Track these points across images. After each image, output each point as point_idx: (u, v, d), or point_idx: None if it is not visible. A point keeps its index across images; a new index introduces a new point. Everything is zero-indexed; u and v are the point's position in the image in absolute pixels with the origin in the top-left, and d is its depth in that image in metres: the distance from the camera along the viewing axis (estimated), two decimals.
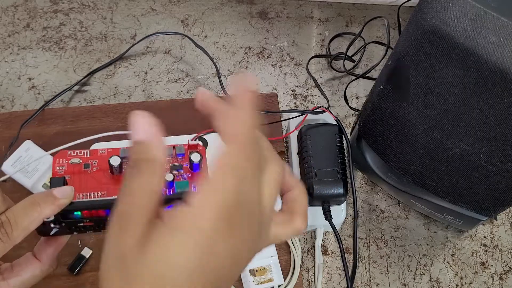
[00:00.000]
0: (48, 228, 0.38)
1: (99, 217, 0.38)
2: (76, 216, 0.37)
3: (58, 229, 0.38)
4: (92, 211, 0.37)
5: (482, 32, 0.36)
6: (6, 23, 0.73)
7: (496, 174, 0.45)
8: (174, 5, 0.76)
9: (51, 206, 0.34)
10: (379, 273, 0.57)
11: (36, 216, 0.34)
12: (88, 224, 0.38)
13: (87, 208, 0.36)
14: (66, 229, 0.38)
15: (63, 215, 0.36)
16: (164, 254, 0.25)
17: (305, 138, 0.56)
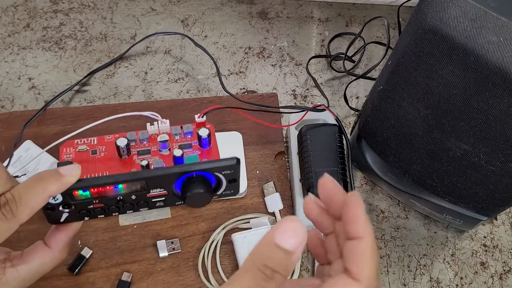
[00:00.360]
0: (58, 214, 0.37)
1: (109, 196, 0.37)
2: (85, 197, 0.36)
3: (68, 214, 0.37)
4: (100, 189, 0.36)
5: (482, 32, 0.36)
6: (6, 23, 0.73)
7: (496, 174, 0.45)
8: (174, 5, 0.76)
9: (56, 183, 0.33)
10: (379, 273, 0.57)
11: (41, 192, 0.33)
12: (98, 206, 0.37)
13: (95, 186, 0.36)
14: (76, 213, 0.37)
15: (71, 196, 0.36)
16: None
17: (305, 138, 0.56)
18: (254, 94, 0.68)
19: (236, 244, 0.54)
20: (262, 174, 0.60)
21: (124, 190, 0.37)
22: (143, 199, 0.38)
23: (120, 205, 0.38)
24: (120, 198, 0.38)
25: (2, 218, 0.32)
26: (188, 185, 0.37)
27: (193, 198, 0.38)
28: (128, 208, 0.39)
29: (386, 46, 0.67)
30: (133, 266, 0.54)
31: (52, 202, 0.36)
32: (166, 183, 0.38)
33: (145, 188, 0.37)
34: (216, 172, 0.38)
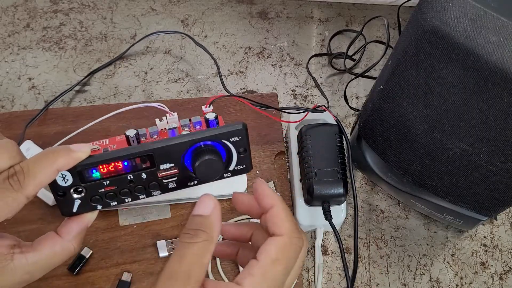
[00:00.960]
0: (70, 202, 0.37)
1: (119, 176, 0.37)
2: (95, 178, 0.36)
3: (80, 201, 0.37)
4: (110, 169, 0.36)
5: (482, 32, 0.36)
6: (6, 23, 0.73)
7: (496, 174, 0.45)
8: (174, 5, 0.76)
9: (66, 156, 0.34)
10: (379, 273, 0.57)
11: (49, 165, 0.33)
12: (109, 189, 0.37)
13: (103, 161, 0.35)
14: (89, 200, 0.37)
15: (81, 176, 0.36)
16: None
17: (305, 138, 0.56)
18: (254, 94, 0.68)
19: None
20: (262, 174, 0.60)
21: (133, 167, 0.37)
22: (154, 179, 0.38)
23: (131, 187, 0.38)
24: (131, 178, 0.37)
25: (10, 188, 0.31)
26: (197, 155, 0.37)
27: (204, 167, 0.37)
28: (140, 191, 0.38)
29: (386, 45, 0.67)
30: (133, 266, 0.54)
31: (63, 184, 0.35)
32: (175, 156, 0.37)
33: (154, 164, 0.37)
34: (224, 139, 0.37)
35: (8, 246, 0.34)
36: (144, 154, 0.36)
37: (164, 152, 0.37)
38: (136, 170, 0.37)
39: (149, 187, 0.38)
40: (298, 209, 0.57)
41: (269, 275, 0.32)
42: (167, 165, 0.37)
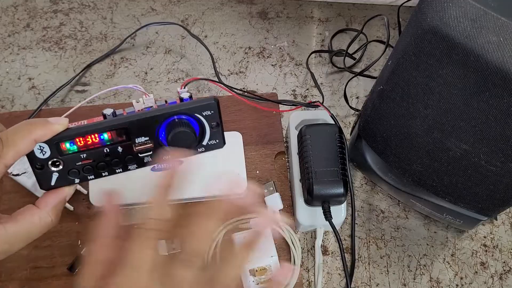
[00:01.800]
0: (48, 175, 0.38)
1: (96, 149, 0.38)
2: (72, 151, 0.37)
3: (58, 174, 0.38)
4: (87, 142, 0.37)
5: (482, 32, 0.36)
6: (6, 23, 0.73)
7: (496, 174, 0.45)
8: (174, 5, 0.76)
9: (43, 128, 0.34)
10: (379, 273, 0.57)
11: (27, 135, 0.34)
12: (86, 162, 0.38)
13: (80, 134, 0.37)
14: (66, 174, 0.38)
15: (59, 149, 0.37)
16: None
17: (305, 138, 0.56)
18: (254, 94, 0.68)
19: (236, 244, 0.54)
20: (262, 174, 0.60)
21: (109, 141, 0.38)
22: (130, 153, 0.39)
23: (108, 161, 0.39)
24: (107, 151, 0.38)
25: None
26: (170, 128, 0.38)
27: (177, 140, 0.38)
28: (116, 165, 0.39)
29: (386, 44, 0.67)
30: None
31: (41, 157, 0.36)
32: (149, 129, 0.38)
33: (130, 137, 0.38)
34: (197, 113, 0.39)
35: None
36: (120, 127, 0.38)
37: (139, 125, 0.38)
38: (112, 143, 0.38)
39: (125, 160, 0.39)
40: (298, 209, 0.57)
41: None
42: (142, 139, 0.39)
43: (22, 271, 0.53)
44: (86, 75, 0.69)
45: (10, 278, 0.53)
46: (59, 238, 0.55)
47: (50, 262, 0.54)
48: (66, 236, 0.55)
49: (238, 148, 0.59)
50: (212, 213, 0.35)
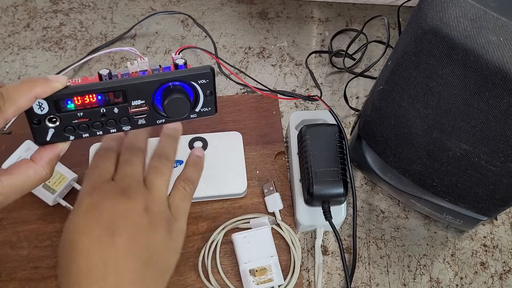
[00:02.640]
0: (44, 130, 0.38)
1: (93, 108, 0.39)
2: (69, 109, 0.38)
3: (54, 130, 0.39)
4: (84, 101, 0.38)
5: (482, 32, 0.36)
6: (6, 23, 0.73)
7: (496, 174, 0.45)
8: (174, 5, 0.76)
9: (43, 85, 0.35)
10: (379, 273, 0.57)
11: (28, 91, 0.35)
12: (82, 120, 0.39)
13: (79, 93, 0.37)
14: (62, 130, 0.39)
15: (57, 106, 0.37)
16: None
17: (305, 138, 0.56)
18: (254, 94, 0.68)
19: (236, 244, 0.54)
20: (262, 174, 0.60)
21: (106, 101, 0.39)
22: (126, 115, 0.40)
23: (103, 121, 0.40)
24: (103, 111, 0.39)
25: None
26: (166, 94, 0.40)
27: (172, 105, 0.40)
28: (111, 125, 0.40)
29: (386, 45, 0.67)
30: None
31: (39, 112, 0.37)
32: (146, 93, 0.40)
33: (127, 99, 0.39)
34: (193, 81, 0.40)
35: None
36: (118, 89, 0.39)
37: (137, 88, 0.39)
38: (109, 104, 0.39)
39: (120, 121, 0.40)
40: (298, 209, 0.57)
41: None
42: (138, 102, 0.40)
43: (22, 271, 0.53)
44: (86, 75, 0.69)
45: (10, 278, 0.53)
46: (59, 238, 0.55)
47: (50, 262, 0.54)
48: None
49: (238, 148, 0.59)
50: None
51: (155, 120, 0.42)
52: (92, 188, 0.38)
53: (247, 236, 0.54)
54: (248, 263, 0.53)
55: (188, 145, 0.59)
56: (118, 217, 0.36)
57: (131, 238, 0.36)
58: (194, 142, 0.59)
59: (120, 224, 0.36)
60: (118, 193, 0.37)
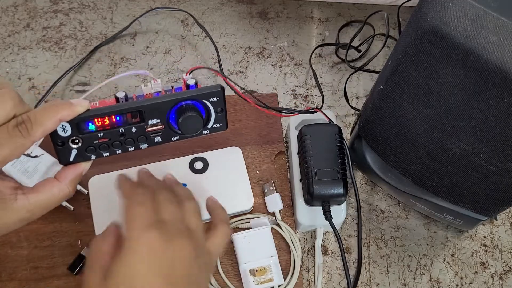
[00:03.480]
0: (68, 151, 0.41)
1: (112, 129, 0.42)
2: (91, 130, 0.41)
3: (77, 151, 0.42)
4: (104, 122, 0.41)
5: (482, 32, 0.36)
6: (6, 23, 0.73)
7: (496, 174, 0.45)
8: (174, 5, 0.76)
9: (68, 109, 0.38)
10: (379, 273, 0.57)
11: (53, 116, 0.37)
12: (103, 140, 0.42)
13: (99, 115, 0.40)
14: (84, 150, 0.42)
15: (79, 128, 0.40)
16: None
17: (305, 138, 0.56)
18: (254, 94, 0.68)
19: (236, 244, 0.54)
20: (262, 174, 0.60)
21: (124, 122, 0.42)
22: (143, 133, 0.43)
23: (122, 140, 0.43)
24: (122, 131, 0.42)
25: (18, 135, 0.35)
26: (180, 112, 0.43)
27: (186, 123, 0.43)
28: (129, 144, 0.43)
29: (386, 35, 0.67)
30: None
31: (63, 134, 0.40)
32: (161, 112, 0.42)
33: (143, 119, 0.42)
34: (204, 99, 0.43)
35: (11, 188, 0.38)
36: (135, 110, 0.41)
37: (152, 108, 0.42)
38: (127, 124, 0.42)
39: (137, 140, 0.43)
40: (298, 209, 0.57)
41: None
42: (154, 121, 0.43)
43: (22, 271, 0.53)
44: (86, 75, 0.69)
45: (10, 278, 0.53)
46: (59, 238, 0.55)
47: (50, 262, 0.54)
48: (66, 236, 0.55)
49: (239, 163, 0.59)
50: None
51: (170, 137, 0.44)
52: (147, 226, 0.38)
53: (247, 236, 0.54)
54: (248, 263, 0.53)
55: (188, 165, 0.58)
56: (177, 264, 0.38)
57: (186, 286, 0.38)
58: (194, 163, 0.58)
59: (178, 272, 0.37)
60: (176, 237, 0.39)
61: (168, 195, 0.43)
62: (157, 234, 0.38)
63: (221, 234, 0.44)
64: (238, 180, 0.58)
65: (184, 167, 0.58)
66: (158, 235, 0.38)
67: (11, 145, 0.35)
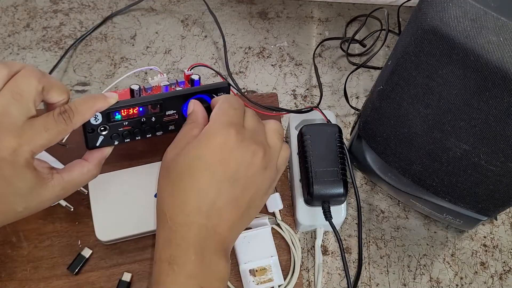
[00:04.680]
0: (96, 137, 0.47)
1: (136, 118, 0.48)
2: (117, 119, 0.47)
3: (103, 137, 0.48)
4: (129, 112, 0.47)
5: (482, 32, 0.36)
6: (6, 23, 0.73)
7: (496, 174, 0.45)
8: (174, 5, 0.76)
9: (103, 100, 0.44)
10: (379, 273, 0.57)
11: (91, 106, 0.43)
12: (127, 128, 0.49)
13: (125, 106, 0.47)
14: (109, 137, 0.48)
15: (108, 117, 0.47)
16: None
17: (305, 138, 0.56)
18: (254, 94, 0.68)
19: (236, 244, 0.54)
20: None
21: (146, 112, 0.49)
22: (160, 122, 0.50)
23: (143, 128, 0.50)
24: (143, 120, 0.49)
25: (62, 122, 0.41)
26: None
27: None
28: (148, 131, 0.50)
29: (386, 31, 0.67)
30: (133, 266, 0.54)
31: (94, 122, 0.46)
32: (177, 104, 0.50)
33: (162, 110, 0.49)
34: (213, 93, 0.50)
35: (48, 168, 0.43)
36: (157, 102, 0.48)
37: (171, 101, 0.49)
38: (148, 114, 0.49)
39: (155, 128, 0.50)
40: (298, 209, 0.57)
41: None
42: (171, 111, 0.50)
43: (22, 271, 0.53)
44: (86, 75, 0.69)
45: (10, 278, 0.53)
46: (59, 238, 0.55)
47: (50, 262, 0.54)
48: (66, 236, 0.55)
49: None
50: None
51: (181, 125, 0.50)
52: (229, 125, 0.42)
53: (247, 236, 0.54)
54: (248, 263, 0.53)
55: None
56: (242, 169, 0.41)
57: (244, 191, 0.41)
58: None
59: (241, 175, 0.41)
60: (251, 142, 0.42)
61: (257, 115, 0.46)
62: (233, 133, 0.41)
63: (286, 149, 0.47)
64: None
65: None
66: (235, 135, 0.41)
67: (55, 130, 0.40)
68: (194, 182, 0.40)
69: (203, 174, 0.40)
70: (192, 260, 0.39)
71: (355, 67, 0.70)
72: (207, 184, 0.40)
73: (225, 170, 0.41)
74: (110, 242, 0.54)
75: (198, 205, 0.40)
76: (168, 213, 0.41)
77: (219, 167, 0.40)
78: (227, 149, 0.41)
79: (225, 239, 0.41)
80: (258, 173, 0.42)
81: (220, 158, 0.41)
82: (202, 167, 0.41)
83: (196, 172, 0.41)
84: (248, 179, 0.42)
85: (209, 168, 0.40)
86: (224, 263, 0.41)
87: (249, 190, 0.42)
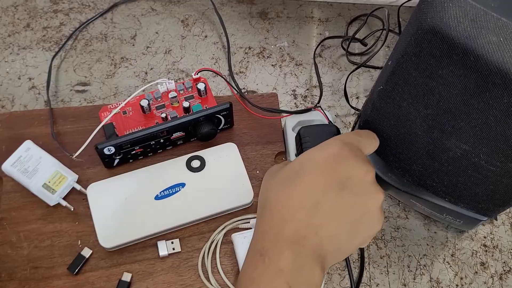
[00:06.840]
0: (112, 160, 0.57)
1: (145, 143, 0.56)
2: (128, 147, 0.55)
3: (118, 160, 0.57)
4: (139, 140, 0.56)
5: (482, 32, 0.36)
6: (6, 23, 0.73)
7: (496, 174, 0.45)
8: (174, 5, 0.76)
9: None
10: (379, 273, 0.57)
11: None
12: (139, 151, 0.57)
13: (135, 141, 0.55)
14: (124, 158, 0.57)
15: (120, 148, 0.55)
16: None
17: (304, 139, 0.56)
18: (254, 94, 0.68)
19: (236, 244, 0.54)
20: (262, 174, 0.60)
21: (155, 137, 0.56)
22: (168, 141, 0.58)
23: (153, 147, 0.58)
24: (153, 143, 0.57)
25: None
26: (198, 125, 0.58)
27: (204, 134, 0.58)
28: (158, 149, 0.59)
29: (386, 31, 0.67)
30: (133, 266, 0.54)
31: (107, 153, 0.55)
32: (183, 127, 0.57)
33: (169, 133, 0.57)
34: (216, 114, 0.58)
35: None
36: (164, 130, 0.56)
37: (177, 127, 0.57)
38: (157, 138, 0.57)
39: (164, 146, 0.59)
40: None
41: None
42: (178, 133, 0.58)
43: (22, 271, 0.53)
44: (86, 75, 0.69)
45: (10, 278, 0.53)
46: (59, 238, 0.55)
47: (50, 262, 0.54)
48: (66, 236, 0.55)
49: (236, 159, 0.59)
50: None
51: (189, 139, 0.60)
52: (346, 141, 0.43)
53: (247, 236, 0.54)
54: None
55: (185, 165, 0.58)
56: (354, 180, 0.41)
57: (353, 204, 0.40)
58: (191, 162, 0.58)
59: (351, 185, 0.40)
60: (366, 162, 0.43)
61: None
62: (348, 149, 0.42)
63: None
64: (236, 175, 0.58)
65: (182, 167, 0.58)
66: (349, 151, 0.42)
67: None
68: (301, 179, 0.40)
69: (312, 172, 0.40)
70: (285, 255, 0.37)
71: (355, 66, 0.70)
72: (314, 182, 0.40)
73: (335, 174, 0.40)
74: (114, 248, 0.54)
75: (301, 200, 0.39)
76: (269, 207, 0.40)
77: (329, 169, 0.40)
78: (340, 158, 0.41)
79: (324, 246, 0.38)
80: (369, 191, 0.42)
81: (332, 162, 0.40)
82: (312, 167, 0.40)
83: (306, 170, 0.40)
84: (359, 193, 0.41)
85: (319, 167, 0.40)
86: (319, 271, 0.38)
87: (358, 206, 0.40)
